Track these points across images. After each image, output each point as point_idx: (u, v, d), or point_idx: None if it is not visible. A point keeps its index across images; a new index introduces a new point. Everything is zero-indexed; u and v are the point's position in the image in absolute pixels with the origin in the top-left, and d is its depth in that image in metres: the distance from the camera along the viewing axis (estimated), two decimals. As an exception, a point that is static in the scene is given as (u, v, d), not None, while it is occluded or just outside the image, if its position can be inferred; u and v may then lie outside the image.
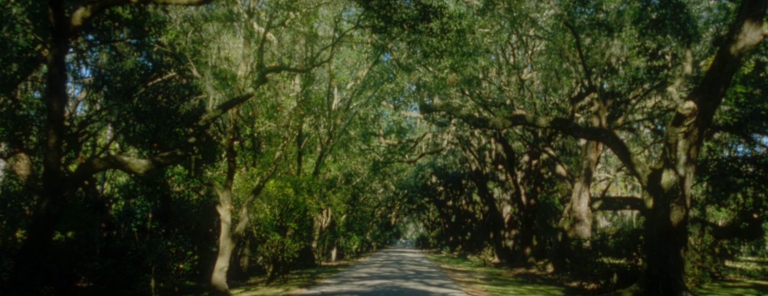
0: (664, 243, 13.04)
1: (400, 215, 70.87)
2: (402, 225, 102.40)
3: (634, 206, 23.04)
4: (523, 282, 20.53)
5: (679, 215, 12.92)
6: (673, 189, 13.00)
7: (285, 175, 19.67)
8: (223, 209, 14.66)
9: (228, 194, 14.69)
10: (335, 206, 22.37)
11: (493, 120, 14.78)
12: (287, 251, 18.53)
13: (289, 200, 18.49)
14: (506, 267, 29.66)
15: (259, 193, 15.53)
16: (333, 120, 21.31)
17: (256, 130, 15.27)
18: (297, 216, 19.12)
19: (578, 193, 20.12)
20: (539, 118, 14.98)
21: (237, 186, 18.01)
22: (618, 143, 14.23)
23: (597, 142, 20.18)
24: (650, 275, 13.20)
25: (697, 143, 12.82)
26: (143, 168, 9.26)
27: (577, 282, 17.88)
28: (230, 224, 14.69)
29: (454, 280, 20.02)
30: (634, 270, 15.00)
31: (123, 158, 9.37)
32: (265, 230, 18.12)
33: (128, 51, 20.41)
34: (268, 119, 14.70)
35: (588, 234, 20.04)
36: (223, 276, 14.55)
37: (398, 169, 40.88)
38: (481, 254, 45.47)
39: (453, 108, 15.83)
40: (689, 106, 12.26)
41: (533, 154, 31.50)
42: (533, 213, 29.72)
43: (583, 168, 20.29)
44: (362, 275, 21.19)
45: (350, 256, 41.11)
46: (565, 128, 15.02)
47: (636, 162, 14.12)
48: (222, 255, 14.61)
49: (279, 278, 19.48)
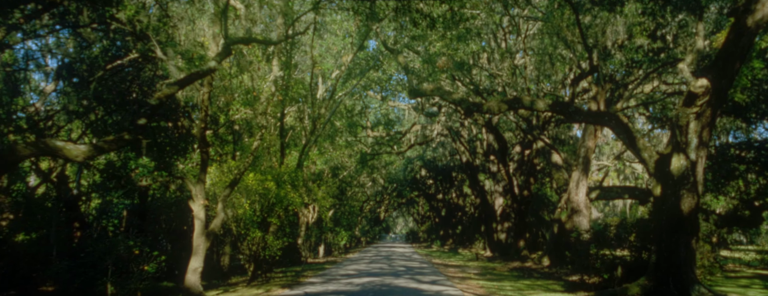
0: (674, 234, 12.08)
1: (390, 209, 69.84)
2: (391, 220, 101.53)
3: (632, 195, 22.18)
4: (519, 276, 19.56)
5: (691, 203, 11.95)
6: (684, 174, 12.03)
7: (267, 169, 18.44)
8: (196, 204, 13.43)
9: (201, 188, 13.46)
10: (320, 200, 21.17)
11: (488, 104, 13.68)
12: (269, 248, 17.35)
13: (271, 194, 17.29)
14: (499, 260, 28.75)
15: (235, 187, 14.30)
16: (317, 109, 20.09)
17: (232, 118, 14.01)
18: (279, 212, 17.93)
19: (576, 183, 19.16)
20: (537, 101, 13.92)
21: (214, 180, 16.77)
22: (622, 127, 13.22)
23: (595, 129, 19.22)
24: (659, 268, 12.24)
25: (709, 125, 11.85)
26: (82, 154, 7.97)
27: (578, 276, 16.93)
28: (204, 220, 13.47)
29: (446, 276, 18.99)
30: (640, 262, 14.05)
31: (56, 143, 8.07)
32: (245, 226, 16.92)
33: (94, 37, 19.07)
34: (244, 106, 13.46)
35: (586, 225, 19.11)
36: (197, 277, 13.34)
37: (387, 162, 39.74)
38: (473, 248, 44.63)
39: (445, 92, 14.71)
40: (702, 84, 11.27)
41: (526, 144, 30.57)
42: (527, 205, 28.82)
43: (581, 157, 19.32)
44: (350, 272, 20.08)
45: (338, 252, 39.99)
46: (565, 112, 13.98)
47: (642, 147, 13.13)
48: (195, 254, 13.39)
49: (261, 277, 18.31)
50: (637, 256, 14.42)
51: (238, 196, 16.48)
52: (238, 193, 16.70)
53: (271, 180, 17.12)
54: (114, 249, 10.81)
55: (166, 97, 9.30)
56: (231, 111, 13.96)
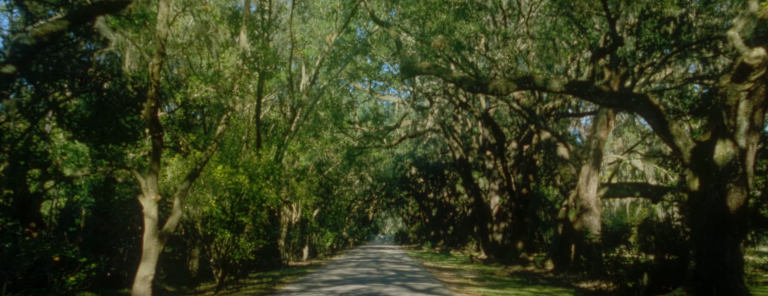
0: (717, 236, 10.11)
1: (378, 210, 67.66)
2: (380, 221, 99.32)
3: (644, 193, 20.25)
4: (523, 282, 17.56)
5: (739, 199, 9.99)
6: (731, 165, 10.06)
7: (240, 161, 16.23)
8: (147, 200, 11.21)
9: (153, 180, 11.24)
10: (301, 197, 18.99)
11: (494, 82, 11.64)
12: (240, 252, 15.15)
13: (243, 190, 15.09)
14: (496, 263, 26.77)
15: (196, 179, 12.09)
16: (297, 96, 17.89)
17: (190, 97, 11.84)
18: (253, 209, 15.73)
19: (586, 178, 17.19)
20: (551, 80, 11.89)
21: (176, 173, 14.53)
22: (653, 110, 11.23)
23: (608, 118, 17.27)
24: (700, 276, 10.27)
25: (764, 105, 9.90)
26: None
27: (592, 283, 14.95)
28: (156, 219, 11.26)
29: (442, 282, 16.92)
30: (669, 268, 12.09)
31: None
32: (211, 227, 14.71)
33: (42, 10, 16.85)
34: (205, 83, 11.29)
35: (598, 226, 17.15)
36: (148, 287, 11.12)
37: (375, 158, 37.59)
38: (465, 249, 42.67)
39: (443, 69, 12.65)
40: (758, 54, 9.30)
41: (524, 140, 28.64)
42: (525, 204, 26.88)
43: (592, 149, 17.35)
44: (334, 278, 17.92)
45: (324, 254, 37.79)
46: (584, 93, 11.98)
47: (676, 133, 11.15)
48: (146, 259, 11.17)
49: (232, 284, 16.12)
50: (661, 261, 12.46)
51: (203, 192, 14.27)
52: (203, 188, 14.49)
53: (242, 174, 14.93)
54: (14, 255, 8.57)
55: (48, 34, 7.11)
56: (189, 88, 11.79)
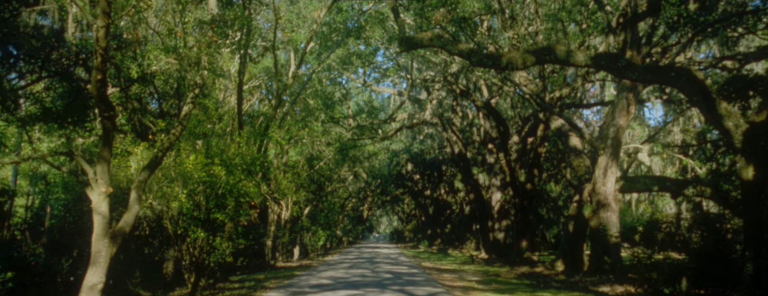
0: (781, 233, 8.42)
1: (373, 208, 65.86)
2: (375, 219, 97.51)
3: (662, 187, 18.55)
4: (534, 286, 15.82)
5: (808, 188, 8.30)
6: (797, 148, 8.36)
7: (216, 151, 14.41)
8: (96, 193, 9.37)
9: (103, 170, 9.40)
10: (284, 190, 17.14)
11: (508, 55, 9.88)
12: (217, 253, 13.33)
13: (219, 183, 13.27)
14: (499, 263, 25.05)
15: (156, 169, 10.26)
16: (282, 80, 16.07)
17: (148, 70, 9.99)
18: (231, 206, 13.91)
19: (603, 170, 15.46)
20: (575, 52, 10.15)
21: (141, 164, 12.71)
22: (697, 85, 9.49)
23: (628, 104, 15.54)
24: (760, 281, 8.56)
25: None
26: None
27: (614, 288, 13.20)
28: (108, 216, 9.43)
29: (444, 286, 15.15)
30: (710, 271, 10.39)
31: None
32: (183, 224, 12.89)
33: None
34: (165, 53, 9.44)
35: (617, 223, 15.44)
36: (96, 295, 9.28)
37: (370, 153, 35.79)
38: (464, 248, 40.96)
39: (447, 41, 10.86)
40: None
41: (528, 132, 26.93)
42: (530, 200, 25.17)
43: (610, 138, 15.63)
44: (324, 281, 16.13)
45: (316, 254, 35.99)
46: (613, 67, 10.23)
47: (725, 112, 9.42)
48: (94, 264, 9.33)
49: (207, 289, 14.32)
50: (705, 263, 10.74)
51: (171, 185, 12.44)
52: (173, 181, 12.66)
53: (218, 164, 13.11)
54: None
55: None
56: (146, 59, 9.94)
